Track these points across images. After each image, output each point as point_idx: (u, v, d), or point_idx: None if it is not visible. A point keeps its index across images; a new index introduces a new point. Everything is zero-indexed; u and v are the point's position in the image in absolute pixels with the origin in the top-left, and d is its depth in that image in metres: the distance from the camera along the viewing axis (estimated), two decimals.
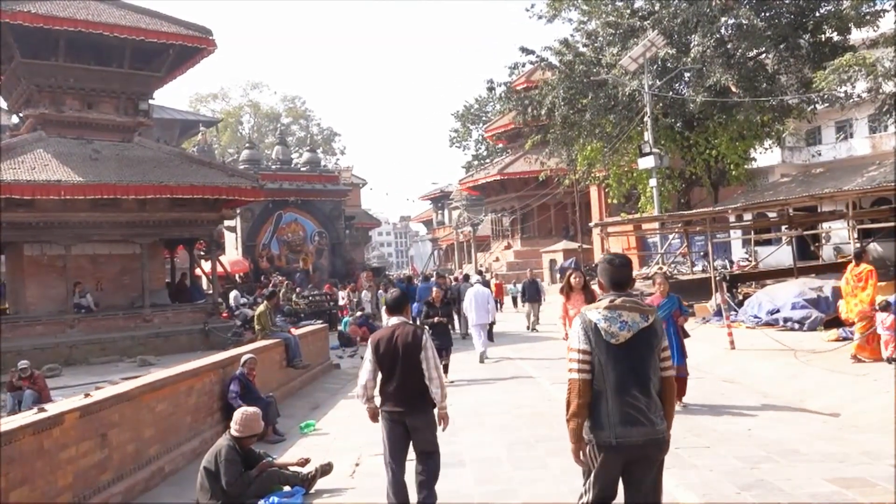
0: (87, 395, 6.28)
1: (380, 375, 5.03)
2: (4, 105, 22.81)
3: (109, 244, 19.26)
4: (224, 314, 20.91)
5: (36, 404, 8.00)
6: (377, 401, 5.08)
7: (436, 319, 11.53)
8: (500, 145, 52.21)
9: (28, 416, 5.32)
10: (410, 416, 4.95)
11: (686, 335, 8.87)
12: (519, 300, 20.95)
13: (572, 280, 9.12)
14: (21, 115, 20.46)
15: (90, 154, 18.33)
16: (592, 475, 3.54)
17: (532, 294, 20.05)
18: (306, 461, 6.48)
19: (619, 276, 3.69)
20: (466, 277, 22.84)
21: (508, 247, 44.53)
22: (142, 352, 17.55)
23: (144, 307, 18.94)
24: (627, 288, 3.69)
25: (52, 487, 5.18)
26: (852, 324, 12.33)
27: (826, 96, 20.85)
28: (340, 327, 20.27)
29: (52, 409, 5.73)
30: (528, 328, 19.58)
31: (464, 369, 12.63)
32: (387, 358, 4.95)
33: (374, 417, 5.17)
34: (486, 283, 19.71)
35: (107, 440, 6.00)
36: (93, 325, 18.07)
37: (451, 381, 11.07)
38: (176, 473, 7.06)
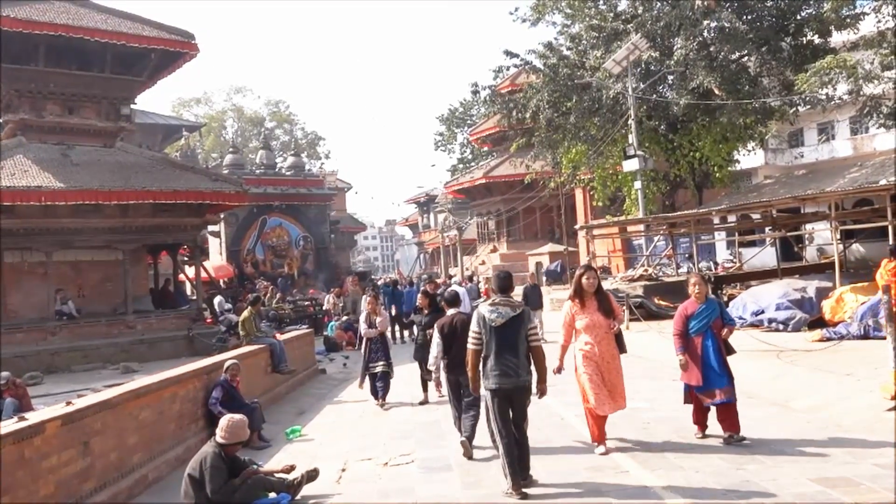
0: (68, 403, 6.22)
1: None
2: None
3: (91, 250, 19.09)
4: (208, 320, 20.78)
5: (17, 413, 7.90)
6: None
7: (420, 334, 10.30)
8: (486, 148, 52.26)
9: (8, 425, 5.26)
10: (463, 376, 6.67)
11: (731, 351, 6.95)
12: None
13: (584, 282, 6.72)
14: (0, 120, 20.25)
15: (71, 159, 18.18)
16: (493, 412, 5.79)
17: (535, 301, 17.61)
18: (292, 468, 6.45)
19: (503, 284, 6.03)
20: (470, 279, 22.99)
21: (494, 250, 44.56)
22: (125, 359, 17.38)
23: (127, 314, 18.77)
24: (509, 291, 5.99)
25: (34, 497, 5.13)
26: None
27: (808, 98, 21.03)
28: (326, 332, 20.20)
29: (33, 417, 5.67)
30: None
31: None
32: (448, 336, 7.15)
33: (438, 387, 7.65)
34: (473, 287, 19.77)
35: (89, 448, 5.95)
36: (75, 333, 17.89)
37: (443, 395, 9.95)
38: (160, 481, 7.01)
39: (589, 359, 6.68)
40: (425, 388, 10.29)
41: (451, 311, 7.51)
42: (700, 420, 7.03)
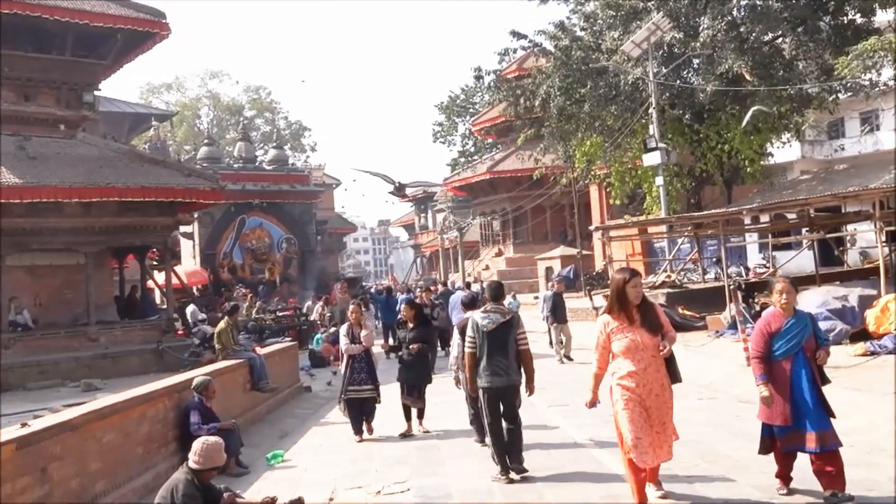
0: (24, 425, 6.22)
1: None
2: None
3: (49, 254, 19.07)
4: (180, 332, 20.77)
5: None
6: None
7: (405, 350, 9.69)
8: (490, 140, 52.29)
9: None
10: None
11: (825, 380, 6.06)
12: (545, 320, 16.86)
13: (630, 290, 5.82)
14: None
15: (27, 152, 18.17)
16: (484, 408, 7.20)
17: (562, 313, 16.52)
18: (273, 499, 6.42)
19: (495, 293, 7.48)
20: (469, 286, 22.90)
21: (499, 253, 44.57)
22: (87, 375, 17.35)
23: (89, 324, 18.75)
24: (500, 300, 7.47)
25: None
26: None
27: (849, 84, 21.09)
28: (312, 345, 20.19)
29: None
30: (560, 359, 16.00)
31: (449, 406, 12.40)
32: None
33: (457, 384, 8.72)
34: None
35: (47, 475, 5.95)
36: (30, 346, 17.86)
37: (427, 431, 9.69)
38: None
39: (631, 391, 5.71)
40: (408, 417, 9.73)
41: (469, 313, 8.19)
42: (785, 472, 6.00)
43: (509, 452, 7.05)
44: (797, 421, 5.74)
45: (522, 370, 7.23)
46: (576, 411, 10.00)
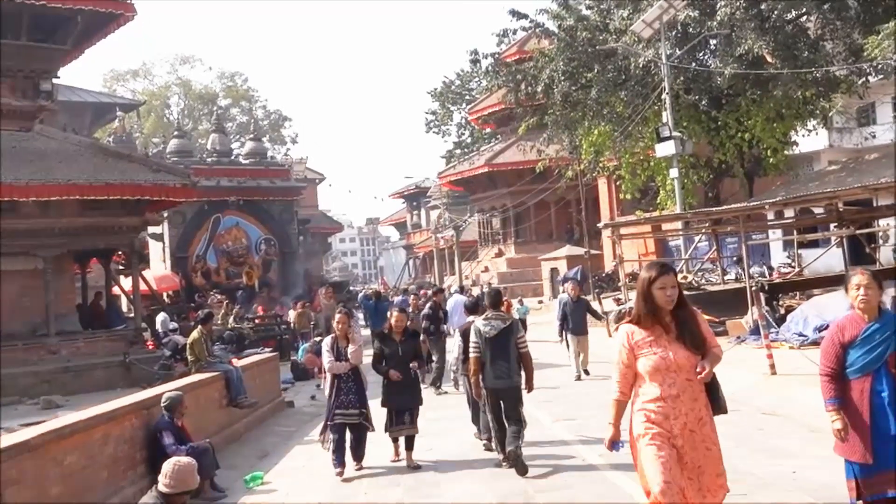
0: None
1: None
2: None
3: (4, 258, 18.97)
4: (149, 342, 20.75)
5: None
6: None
7: (392, 373, 8.93)
8: (488, 130, 52.38)
9: None
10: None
11: None
12: (560, 329, 15.61)
13: (658, 294, 4.69)
14: None
15: None
16: (488, 407, 8.43)
17: (578, 323, 15.28)
18: None
19: (495, 300, 8.58)
20: (462, 290, 22.97)
21: (500, 254, 44.65)
22: (47, 391, 17.32)
23: (49, 335, 18.72)
24: (500, 307, 8.62)
25: None
26: None
27: (880, 66, 21.12)
28: (295, 356, 20.19)
29: None
30: (576, 377, 14.93)
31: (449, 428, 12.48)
32: (468, 340, 8.65)
33: (456, 385, 10.93)
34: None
35: (2, 501, 5.93)
36: None
37: (418, 466, 8.84)
38: None
39: (659, 424, 4.67)
40: (396, 440, 9.20)
41: (470, 318, 9.26)
42: None
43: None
44: (884, 458, 4.69)
45: (523, 371, 8.33)
46: (584, 426, 10.03)
